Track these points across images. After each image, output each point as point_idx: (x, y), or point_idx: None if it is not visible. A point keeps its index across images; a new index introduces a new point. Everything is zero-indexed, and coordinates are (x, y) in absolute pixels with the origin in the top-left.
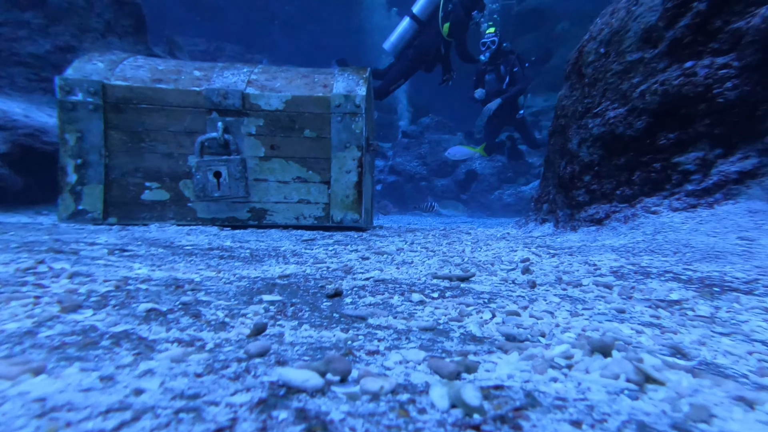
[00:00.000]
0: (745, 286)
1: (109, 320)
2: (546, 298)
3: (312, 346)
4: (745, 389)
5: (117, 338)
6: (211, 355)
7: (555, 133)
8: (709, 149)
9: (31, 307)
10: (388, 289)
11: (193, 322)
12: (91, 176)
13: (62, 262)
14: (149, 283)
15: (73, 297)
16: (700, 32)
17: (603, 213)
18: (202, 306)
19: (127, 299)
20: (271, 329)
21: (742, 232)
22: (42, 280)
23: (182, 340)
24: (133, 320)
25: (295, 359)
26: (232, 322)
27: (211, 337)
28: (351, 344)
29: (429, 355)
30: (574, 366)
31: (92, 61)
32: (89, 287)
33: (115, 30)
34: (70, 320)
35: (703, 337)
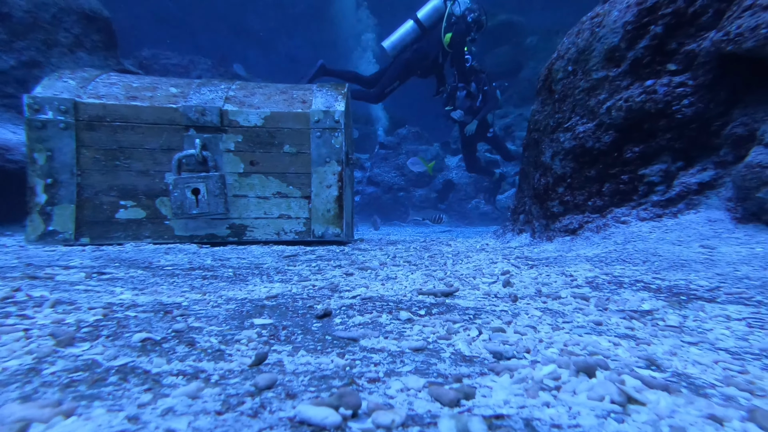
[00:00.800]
0: (709, 294)
1: (108, 353)
2: (528, 312)
3: (314, 375)
4: (714, 406)
5: (123, 373)
6: (222, 390)
7: (529, 146)
8: (671, 162)
9: (24, 342)
10: (375, 307)
11: (190, 351)
12: (62, 196)
13: (40, 289)
14: (136, 310)
15: (64, 329)
16: (658, 53)
17: (576, 223)
18: (195, 333)
19: (119, 329)
20: (270, 355)
21: (703, 240)
22: (25, 311)
23: (186, 372)
24: (131, 352)
25: (302, 391)
26: (229, 349)
27: (213, 368)
28: (351, 371)
29: (428, 382)
30: (563, 387)
31: (63, 78)
32: (77, 317)
33: (84, 45)
34: (69, 355)
35: (674, 347)
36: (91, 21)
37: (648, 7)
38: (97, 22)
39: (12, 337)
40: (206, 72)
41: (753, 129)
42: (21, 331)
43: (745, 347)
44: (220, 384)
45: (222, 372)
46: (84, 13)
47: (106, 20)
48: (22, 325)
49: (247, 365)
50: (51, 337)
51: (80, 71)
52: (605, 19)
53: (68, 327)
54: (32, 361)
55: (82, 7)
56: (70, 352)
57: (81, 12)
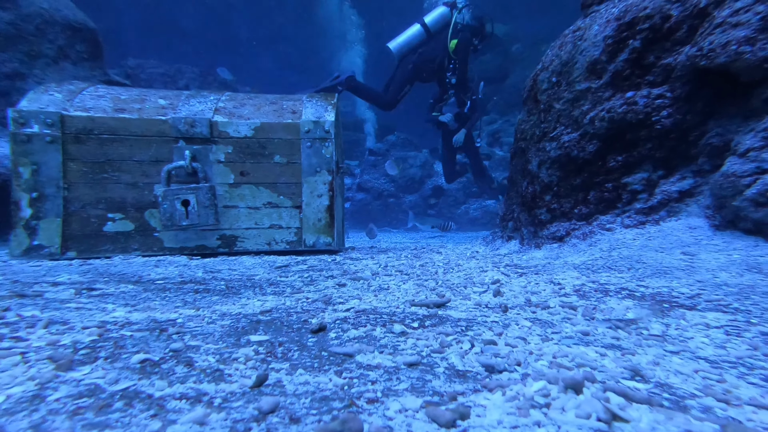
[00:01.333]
0: (690, 302)
1: (109, 377)
2: (518, 323)
3: (315, 396)
4: (691, 420)
5: (128, 398)
6: (227, 415)
7: (516, 154)
8: (653, 170)
9: (24, 366)
10: (369, 320)
11: (189, 371)
12: (48, 210)
13: (30, 308)
14: (131, 328)
15: (61, 352)
16: (637, 66)
17: (564, 231)
18: (192, 352)
19: (116, 349)
20: (270, 374)
21: (684, 247)
22: (18, 332)
23: (188, 395)
24: (132, 374)
25: (305, 414)
26: (227, 369)
27: (215, 390)
28: (350, 391)
29: (424, 401)
30: (552, 405)
31: (49, 91)
32: (72, 337)
33: (69, 56)
34: (70, 379)
35: (657, 357)
36: (76, 32)
37: (626, 22)
38: (83, 33)
39: (10, 361)
40: (193, 81)
41: (728, 140)
42: (18, 355)
43: (723, 355)
44: (224, 408)
45: (224, 395)
46: (69, 24)
47: (92, 31)
48: (18, 348)
49: (248, 387)
50: (50, 360)
51: (67, 84)
52: (586, 33)
53: (65, 349)
54: (35, 387)
55: (67, 18)
56: (71, 376)
57: (66, 23)
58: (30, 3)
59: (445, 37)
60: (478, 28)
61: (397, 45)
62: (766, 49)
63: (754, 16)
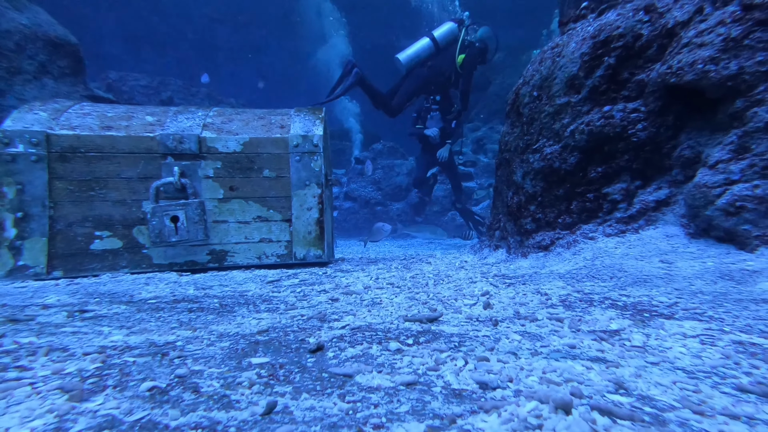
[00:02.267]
0: (668, 311)
1: (123, 407)
2: (508, 337)
3: (323, 422)
4: None
5: (146, 429)
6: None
7: (501, 165)
8: (631, 181)
9: (36, 398)
10: (365, 338)
11: (197, 398)
12: (33, 229)
13: (25, 333)
14: (132, 353)
15: (69, 381)
16: (613, 82)
17: (549, 240)
18: (197, 377)
19: (123, 377)
20: (276, 399)
21: (662, 255)
22: (20, 361)
23: (202, 425)
24: (143, 404)
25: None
26: (233, 394)
27: (227, 419)
28: (355, 416)
29: (426, 426)
30: (544, 425)
31: (33, 110)
32: (76, 365)
33: (51, 71)
34: (86, 411)
35: (639, 368)
36: (57, 47)
37: (601, 41)
38: (64, 49)
39: (23, 392)
40: (177, 93)
41: (698, 152)
42: (28, 386)
43: (698, 365)
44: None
45: (237, 422)
46: (50, 39)
47: (73, 46)
48: (26, 378)
49: (259, 414)
50: (61, 391)
51: (51, 102)
52: (564, 50)
53: (72, 378)
54: (55, 419)
55: (48, 34)
56: (86, 407)
57: (46, 39)
58: (9, 19)
59: (453, 52)
60: (483, 50)
61: (406, 57)
62: (729, 68)
63: (717, 37)
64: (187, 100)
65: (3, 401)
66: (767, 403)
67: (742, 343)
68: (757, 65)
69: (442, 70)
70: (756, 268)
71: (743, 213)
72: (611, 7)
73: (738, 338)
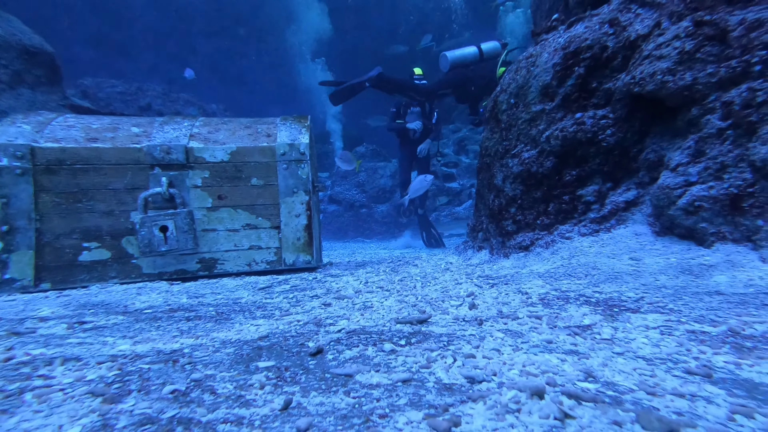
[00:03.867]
0: (635, 305)
1: (155, 407)
2: (492, 335)
3: (336, 414)
4: (620, 413)
5: (183, 424)
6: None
7: (482, 169)
8: (602, 183)
9: (72, 402)
10: (361, 340)
11: (216, 399)
12: (19, 242)
13: (33, 346)
14: (144, 361)
15: (96, 386)
16: (583, 90)
17: (528, 240)
18: (211, 381)
19: (143, 382)
20: (293, 399)
21: (632, 252)
22: (39, 371)
23: (230, 419)
24: (170, 404)
25: (335, 430)
26: (248, 394)
27: (250, 414)
28: (362, 409)
29: (424, 414)
30: (522, 409)
31: (16, 123)
32: (95, 373)
33: (26, 80)
34: (124, 410)
35: (606, 359)
36: (32, 56)
37: (571, 51)
38: (39, 57)
39: (58, 397)
40: (156, 99)
41: (661, 155)
42: (59, 391)
43: (656, 353)
44: (267, 428)
45: (260, 417)
46: (24, 48)
47: (49, 55)
48: (54, 385)
49: (278, 410)
50: (92, 395)
51: (34, 115)
52: (538, 60)
53: (97, 384)
54: (98, 418)
55: (23, 42)
56: (121, 408)
57: (21, 47)
58: None
59: (494, 64)
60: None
61: (453, 56)
62: (685, 79)
63: (673, 50)
64: (166, 107)
65: (44, 404)
66: (708, 382)
67: (694, 332)
68: (708, 76)
69: (482, 75)
70: (712, 262)
71: (701, 212)
72: (580, 20)
73: (692, 328)
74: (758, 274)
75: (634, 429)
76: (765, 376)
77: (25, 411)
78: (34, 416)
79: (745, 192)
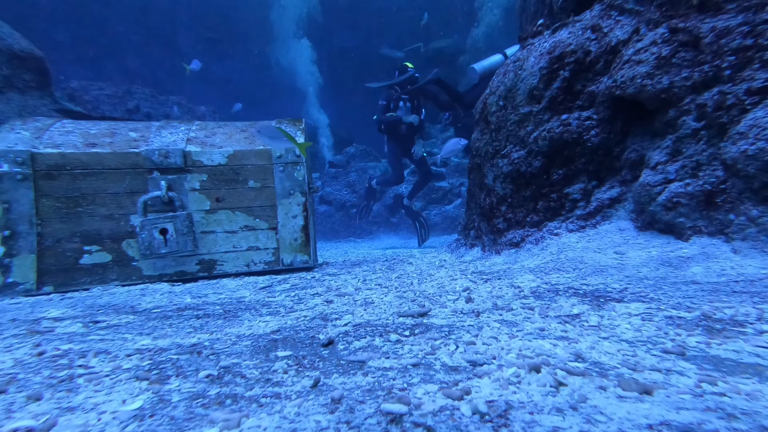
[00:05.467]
0: (619, 295)
1: (198, 387)
2: (489, 325)
3: (361, 389)
4: (605, 380)
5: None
6: (314, 401)
7: (473, 169)
8: (588, 181)
9: (122, 384)
10: (368, 332)
11: (248, 381)
12: (21, 247)
13: (58, 342)
14: (169, 353)
15: (138, 373)
16: (569, 93)
17: (519, 237)
18: (238, 368)
19: (178, 369)
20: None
21: (616, 247)
22: (75, 362)
23: (268, 395)
24: (211, 385)
25: (366, 399)
26: (275, 377)
27: (285, 391)
28: (382, 385)
29: (439, 386)
30: (522, 381)
31: (15, 129)
32: (130, 363)
33: (15, 85)
34: (173, 389)
35: (593, 342)
36: (21, 61)
37: (556, 56)
38: (29, 62)
39: (107, 381)
40: (144, 101)
41: (642, 155)
42: (105, 377)
43: (638, 336)
44: (305, 399)
45: (296, 391)
46: (13, 53)
47: (39, 59)
48: (97, 372)
49: (309, 386)
50: (137, 379)
51: (32, 121)
52: (525, 64)
53: (136, 371)
54: (153, 395)
55: (11, 47)
56: (169, 388)
57: (10, 52)
58: None
59: None
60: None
61: (481, 67)
62: (662, 83)
63: (651, 55)
64: (154, 109)
65: (99, 386)
66: (682, 359)
67: (672, 317)
68: (683, 80)
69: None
70: (689, 255)
71: (679, 208)
72: (564, 26)
73: (669, 314)
74: (730, 264)
75: (616, 391)
76: (730, 352)
77: (85, 391)
78: (96, 394)
79: (718, 188)
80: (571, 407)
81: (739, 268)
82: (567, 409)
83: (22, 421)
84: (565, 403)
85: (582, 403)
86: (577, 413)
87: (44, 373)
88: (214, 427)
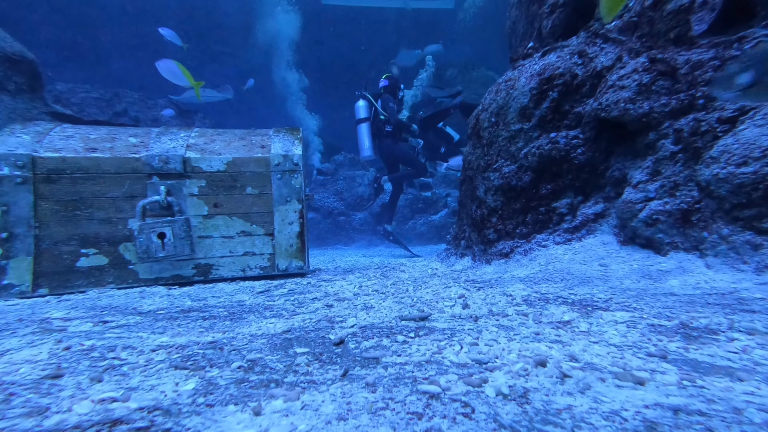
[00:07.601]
0: (605, 304)
1: (237, 375)
2: (488, 329)
3: (387, 378)
4: (602, 373)
5: (273, 381)
6: (350, 386)
7: (465, 181)
8: (574, 197)
9: (166, 371)
10: (375, 333)
11: (274, 372)
12: (18, 249)
13: (78, 339)
14: (192, 349)
15: (173, 363)
16: (557, 112)
17: (509, 248)
18: (263, 361)
19: (209, 361)
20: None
21: (600, 259)
22: (106, 355)
23: (303, 381)
24: (246, 373)
25: (398, 384)
26: (301, 369)
27: (318, 380)
28: (405, 375)
29: (457, 376)
30: (530, 373)
31: (15, 133)
32: (160, 356)
33: (7, 88)
34: (215, 376)
35: (585, 346)
36: (13, 63)
37: (546, 78)
38: (20, 65)
39: (150, 370)
40: (132, 105)
41: (625, 173)
42: (145, 367)
43: (624, 341)
44: (341, 386)
45: (329, 379)
46: (5, 56)
47: (30, 62)
48: (136, 363)
49: (340, 375)
50: (175, 368)
51: (32, 125)
52: (516, 83)
53: (171, 362)
54: (200, 380)
55: (4, 50)
56: (210, 375)
57: (2, 55)
58: None
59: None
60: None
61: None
62: (643, 108)
63: (633, 82)
64: (143, 113)
65: (145, 374)
66: (664, 361)
67: (653, 325)
68: (662, 106)
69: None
70: (667, 269)
71: (658, 224)
72: (552, 50)
73: (651, 322)
74: (704, 278)
75: (614, 381)
76: (706, 356)
77: (135, 377)
78: (147, 378)
79: (693, 208)
80: (579, 392)
81: (712, 282)
82: (576, 393)
83: (101, 394)
84: (574, 389)
85: (587, 390)
86: (585, 396)
87: (84, 363)
88: (277, 399)
